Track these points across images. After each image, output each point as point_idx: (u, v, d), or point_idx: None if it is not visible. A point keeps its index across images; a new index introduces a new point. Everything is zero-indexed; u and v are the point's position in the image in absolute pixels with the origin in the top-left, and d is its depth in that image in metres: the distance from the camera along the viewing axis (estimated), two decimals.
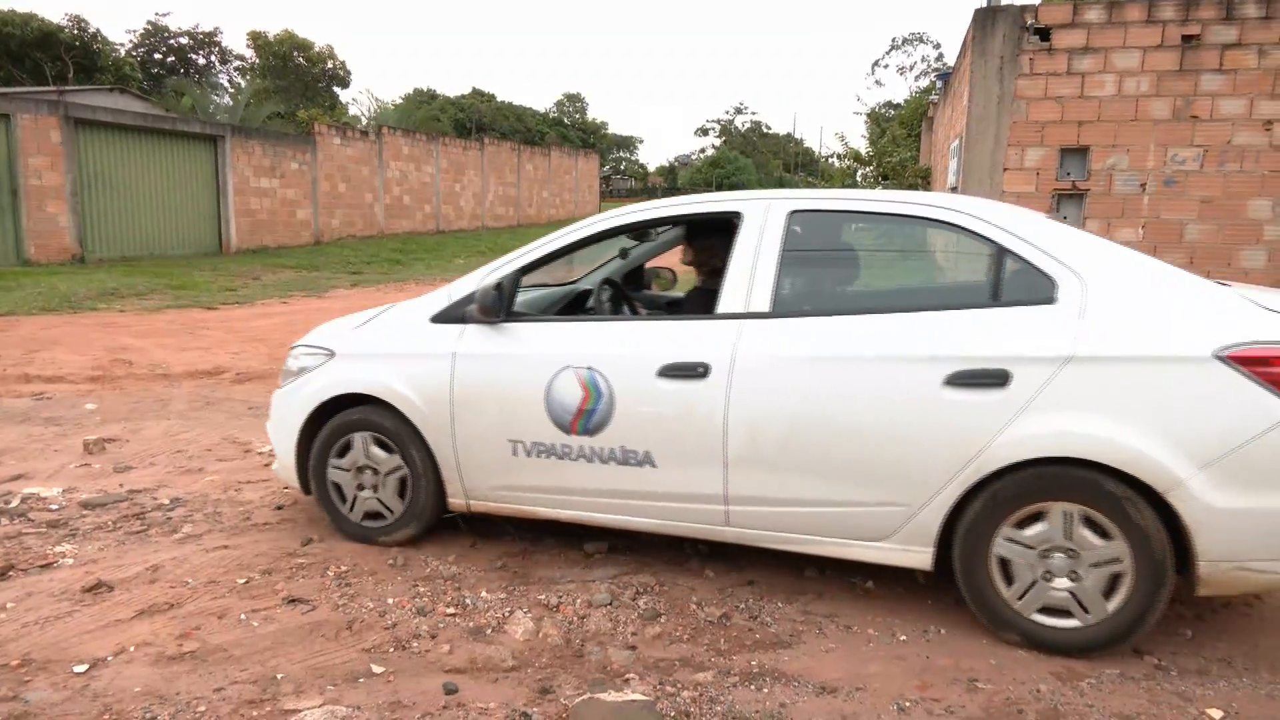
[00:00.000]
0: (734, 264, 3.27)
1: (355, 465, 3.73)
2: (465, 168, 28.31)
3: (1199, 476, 2.64)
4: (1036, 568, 2.84)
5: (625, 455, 3.30)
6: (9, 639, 2.89)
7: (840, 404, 2.99)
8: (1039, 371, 2.77)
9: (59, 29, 39.61)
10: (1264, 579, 2.70)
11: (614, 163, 76.89)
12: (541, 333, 3.49)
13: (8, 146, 14.86)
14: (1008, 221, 3.04)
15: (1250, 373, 2.62)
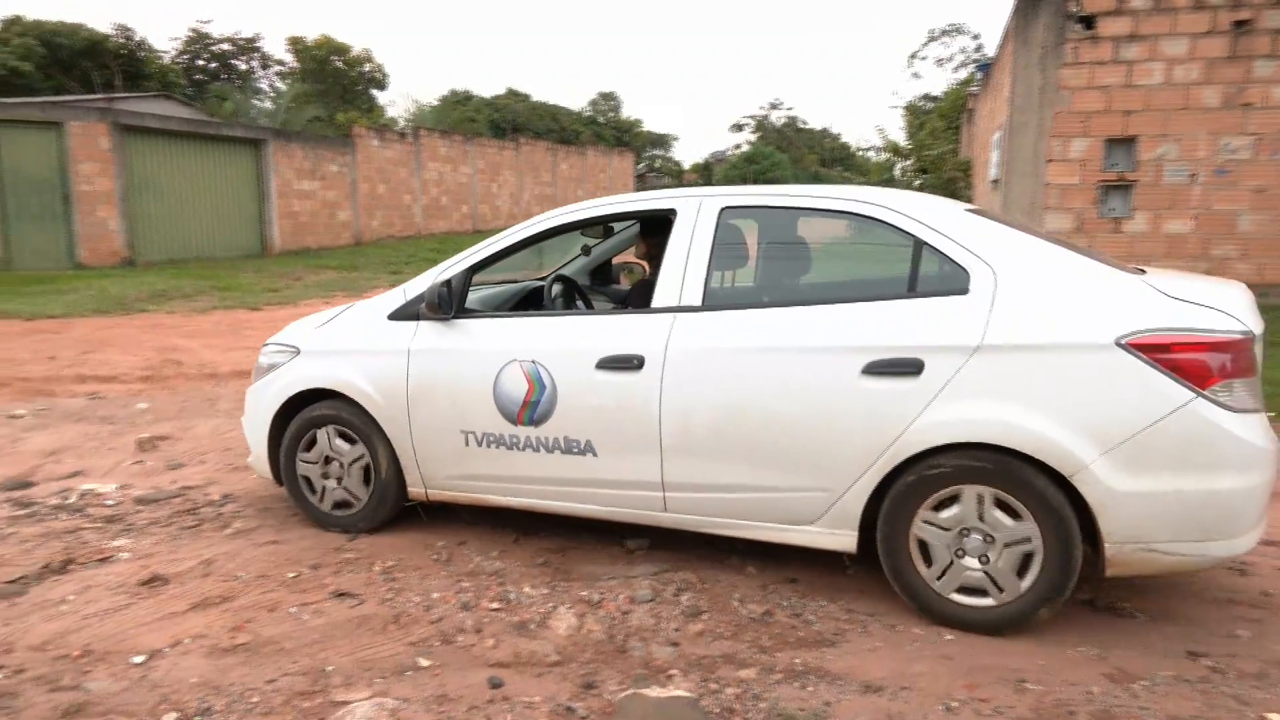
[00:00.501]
0: (668, 259, 3.38)
1: (322, 457, 3.88)
2: (501, 168, 28.51)
3: (1102, 460, 2.71)
4: (953, 549, 2.93)
5: (568, 444, 3.42)
6: (70, 630, 2.98)
7: (766, 393, 3.10)
8: (950, 360, 2.86)
9: (106, 38, 40.61)
10: (1169, 560, 2.77)
11: (649, 160, 76.87)
12: (489, 328, 3.62)
13: (60, 154, 15.27)
14: (925, 215, 3.12)
15: (1150, 359, 2.68)
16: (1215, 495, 2.69)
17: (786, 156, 64.39)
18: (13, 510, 4.12)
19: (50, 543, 3.74)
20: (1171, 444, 2.68)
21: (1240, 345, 2.69)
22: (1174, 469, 2.69)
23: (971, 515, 2.89)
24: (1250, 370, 2.74)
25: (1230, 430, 2.67)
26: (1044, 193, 8.76)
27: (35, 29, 38.66)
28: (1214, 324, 2.70)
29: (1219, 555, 2.79)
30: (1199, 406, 2.65)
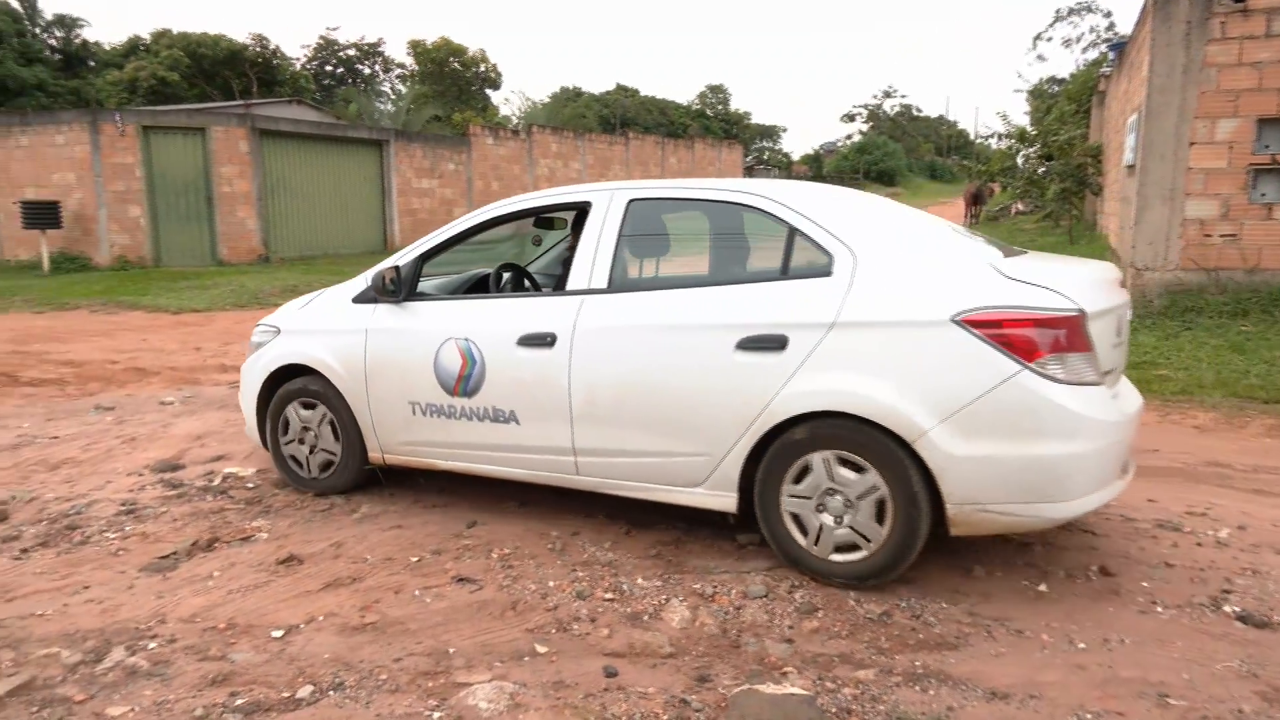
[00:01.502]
0: (580, 246, 3.72)
1: (300, 424, 4.32)
2: (610, 162, 28.78)
3: (940, 428, 2.93)
4: (819, 513, 3.20)
5: (496, 414, 3.78)
6: (217, 604, 3.19)
7: (656, 366, 3.40)
8: (810, 336, 3.13)
9: (244, 47, 43.18)
10: (1003, 520, 2.98)
11: (757, 152, 76.09)
12: (433, 310, 4.00)
13: (204, 157, 16.34)
14: (799, 203, 3.38)
15: (981, 334, 2.90)
16: (1043, 461, 2.88)
17: (900, 146, 62.55)
18: (164, 491, 4.44)
19: (197, 522, 4.01)
20: (1002, 412, 2.89)
21: (1068, 322, 2.90)
22: (1004, 436, 2.90)
23: (825, 479, 3.16)
24: (1080, 346, 2.92)
25: (1055, 400, 2.86)
26: (1185, 178, 8.19)
27: (181, 41, 41.49)
28: (1042, 302, 2.91)
29: (1050, 517, 2.98)
30: (1025, 378, 2.86)
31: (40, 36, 40.72)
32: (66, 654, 2.83)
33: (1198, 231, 8.24)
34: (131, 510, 4.15)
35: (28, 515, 4.10)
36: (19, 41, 37.38)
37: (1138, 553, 3.55)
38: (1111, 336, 3.21)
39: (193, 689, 2.63)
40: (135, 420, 5.90)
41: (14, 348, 8.78)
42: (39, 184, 16.23)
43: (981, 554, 3.54)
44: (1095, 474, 2.98)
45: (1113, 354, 3.22)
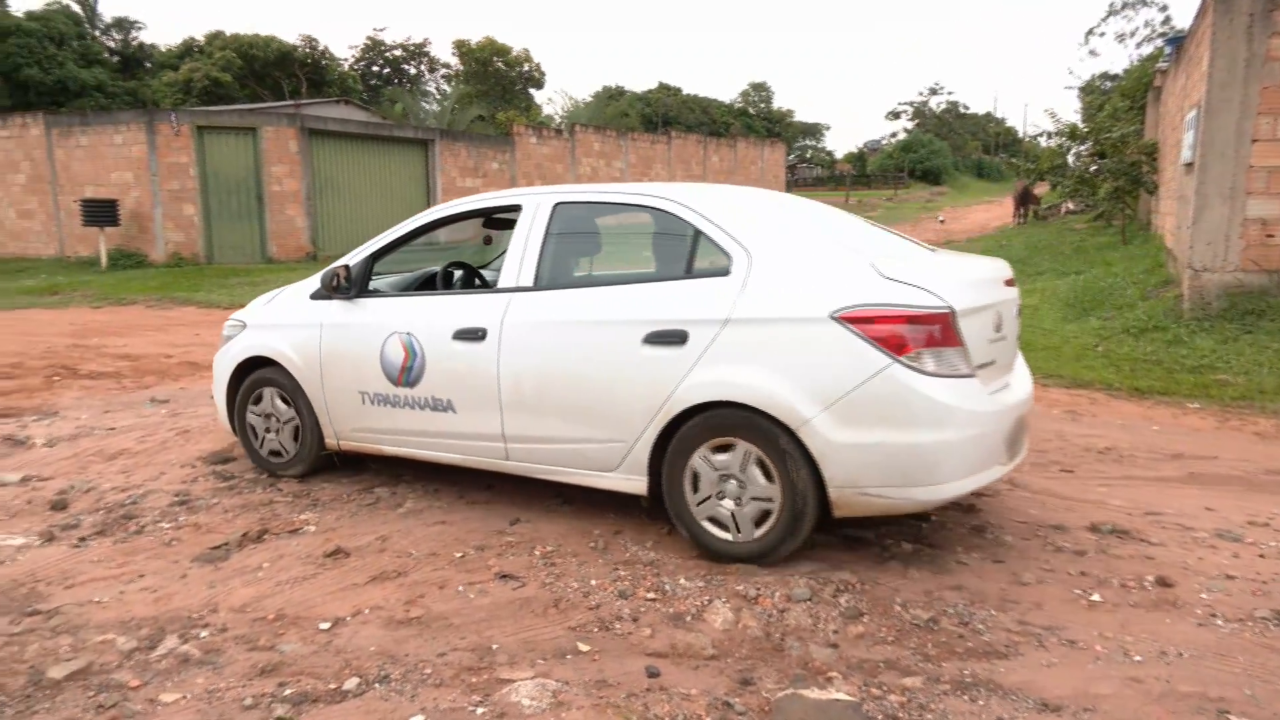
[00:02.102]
0: (510, 246, 3.95)
1: (264, 412, 4.62)
2: (653, 161, 28.77)
3: (821, 416, 3.15)
4: (719, 492, 3.41)
5: (435, 403, 4.02)
6: (266, 595, 3.25)
7: (574, 359, 3.63)
8: (707, 331, 3.35)
9: (294, 49, 43.98)
10: (879, 503, 3.19)
11: (800, 151, 75.48)
12: (381, 306, 4.25)
13: (255, 157, 16.68)
14: (704, 207, 3.60)
15: (857, 330, 3.11)
16: (913, 447, 3.09)
17: (946, 144, 61.59)
18: (216, 483, 4.54)
19: (247, 514, 4.09)
20: (875, 403, 3.09)
21: (936, 319, 3.10)
22: (879, 424, 3.10)
23: (733, 463, 3.37)
24: (950, 340, 3.13)
25: (923, 392, 3.06)
26: (1247, 176, 7.93)
27: (234, 42, 42.39)
28: (912, 300, 3.10)
29: (922, 500, 3.18)
30: (896, 371, 3.07)
31: (99, 39, 41.91)
32: (122, 641, 2.90)
33: (1259, 232, 7.98)
34: (184, 501, 4.24)
35: (86, 505, 4.22)
36: (79, 44, 38.52)
37: (1196, 563, 3.45)
38: (989, 332, 3.41)
39: (243, 678, 2.68)
40: (188, 413, 6.04)
41: (74, 341, 9.04)
42: (98, 183, 16.70)
43: (1031, 561, 3.47)
44: (965, 460, 3.17)
45: (990, 348, 3.42)
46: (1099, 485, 4.45)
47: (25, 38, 35.62)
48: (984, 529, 3.83)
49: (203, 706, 2.53)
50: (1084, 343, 8.14)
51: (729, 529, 3.42)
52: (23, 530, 3.88)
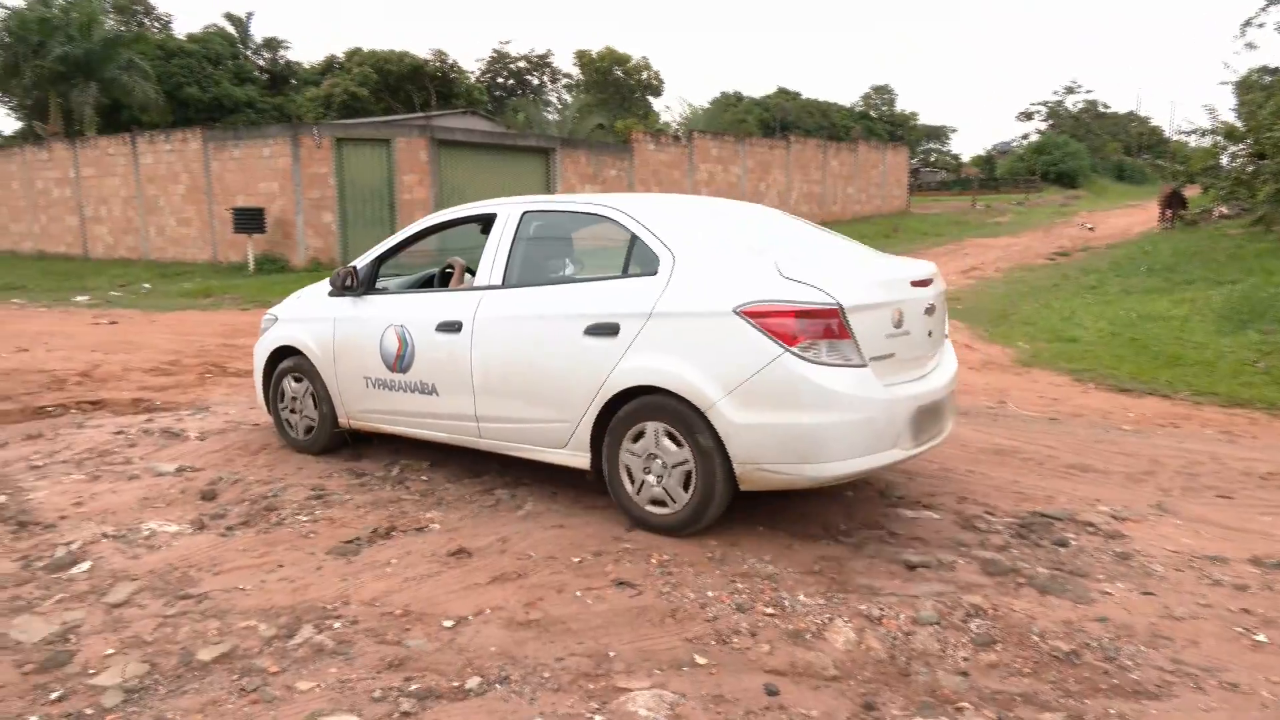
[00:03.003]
0: (485, 250, 4.45)
1: (293, 395, 5.19)
2: (771, 166, 28.46)
3: (726, 399, 3.51)
4: (645, 468, 3.80)
5: (422, 386, 4.53)
6: (393, 590, 3.36)
7: (531, 348, 4.10)
8: (635, 324, 3.75)
9: (425, 63, 45.86)
10: (778, 478, 3.55)
11: (924, 154, 73.17)
12: (382, 302, 4.82)
13: (388, 167, 17.46)
14: (641, 214, 4.02)
15: (754, 323, 3.47)
16: (802, 428, 3.45)
17: (1083, 145, 58.38)
18: (349, 479, 4.74)
19: (377, 510, 4.25)
20: (770, 387, 3.45)
21: (823, 314, 3.43)
22: (773, 407, 3.47)
23: (651, 445, 3.76)
24: (837, 334, 3.45)
25: (811, 379, 3.41)
26: None
27: (370, 58, 44.62)
28: (803, 297, 3.45)
29: (812, 476, 3.53)
30: (787, 359, 3.42)
31: (251, 58, 44.91)
32: (263, 627, 3.06)
33: None
34: (320, 496, 4.46)
35: (233, 496, 4.49)
36: (233, 63, 41.40)
37: None
38: (886, 327, 3.67)
39: (372, 670, 2.77)
40: None
41: (223, 341, 9.68)
42: (247, 193, 17.86)
43: (1185, 594, 3.21)
44: (853, 442, 3.49)
45: (889, 342, 3.67)
46: (1261, 514, 4.09)
47: (186, 59, 38.58)
48: (1130, 556, 3.58)
49: (335, 695, 2.63)
50: (1241, 357, 7.53)
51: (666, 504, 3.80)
52: (177, 518, 4.17)
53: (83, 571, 3.55)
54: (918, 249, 21.35)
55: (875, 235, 24.96)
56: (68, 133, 26.96)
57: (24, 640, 2.99)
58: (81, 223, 21.40)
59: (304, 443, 5.21)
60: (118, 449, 5.35)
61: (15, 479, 4.75)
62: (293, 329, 5.19)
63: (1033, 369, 7.72)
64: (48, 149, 22.31)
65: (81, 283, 16.62)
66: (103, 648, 2.93)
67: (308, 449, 5.18)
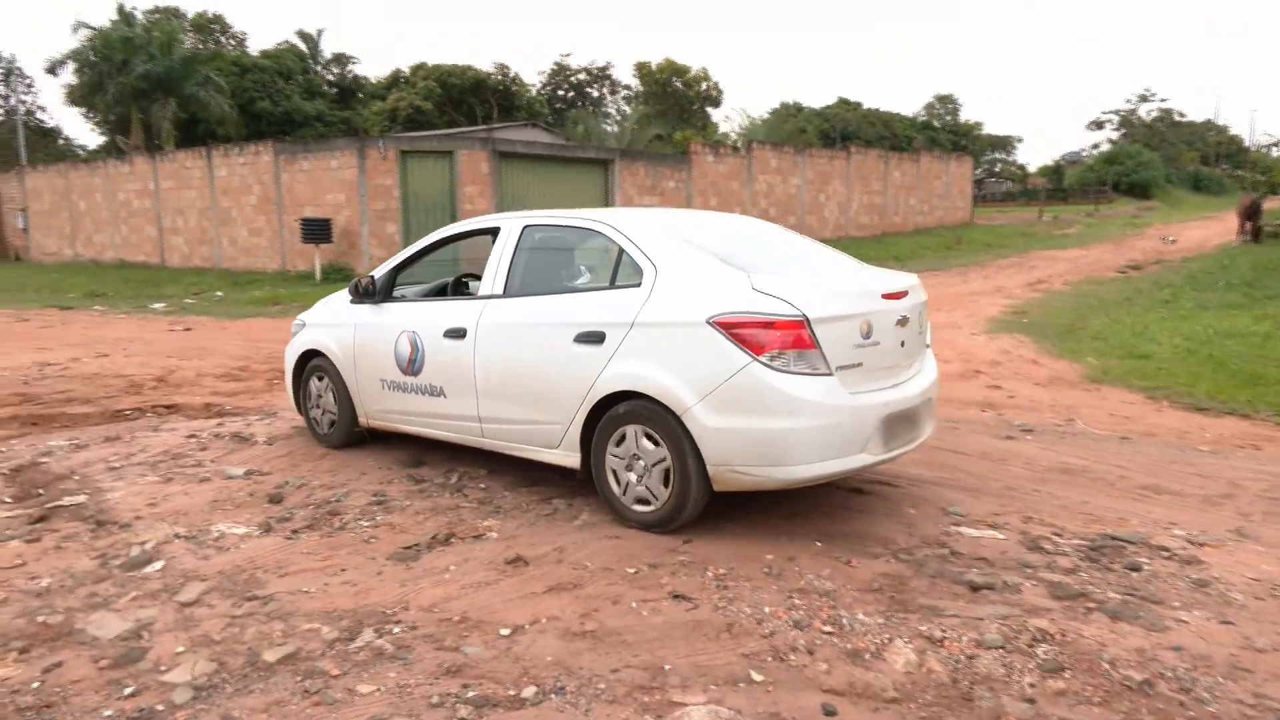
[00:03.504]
0: (489, 261, 4.70)
1: (318, 394, 5.58)
2: (830, 177, 28.21)
3: (699, 404, 3.71)
4: (628, 468, 4.03)
5: (431, 389, 4.82)
6: (452, 597, 3.40)
7: (526, 354, 4.35)
8: (619, 333, 3.97)
9: (488, 76, 46.66)
10: (747, 479, 3.73)
11: (988, 165, 71.71)
12: (398, 309, 5.13)
13: (451, 178, 17.79)
14: (629, 229, 4.23)
15: (726, 333, 3.66)
16: (769, 433, 3.64)
17: (1157, 155, 56.56)
18: (409, 485, 4.82)
19: (436, 517, 4.31)
20: (739, 394, 3.64)
21: (790, 325, 3.61)
22: (742, 412, 3.65)
23: (633, 447, 3.98)
24: (802, 344, 3.63)
25: (776, 386, 3.60)
26: None
27: (435, 72, 45.56)
28: (769, 309, 3.63)
29: (779, 478, 3.72)
30: (754, 368, 3.62)
31: (320, 73, 46.25)
32: (326, 630, 3.12)
33: None
34: (381, 501, 4.54)
35: (298, 500, 4.60)
36: (303, 78, 42.71)
37: None
38: (855, 338, 3.81)
39: (430, 676, 2.81)
40: None
41: None
42: (315, 204, 18.37)
43: (1268, 624, 3.07)
44: (818, 447, 3.67)
45: (857, 352, 3.81)
46: None
47: (260, 74, 39.92)
48: (1207, 583, 3.43)
49: (394, 700, 2.67)
50: None
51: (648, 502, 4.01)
52: (245, 520, 4.28)
53: (156, 570, 3.67)
54: (981, 261, 20.93)
55: (937, 247, 24.56)
56: (148, 147, 28.12)
57: (100, 636, 3.10)
58: (159, 233, 22.26)
59: (327, 438, 5.59)
60: (190, 452, 5.53)
61: (95, 480, 4.94)
62: (318, 333, 5.56)
63: (1103, 386, 7.49)
64: (129, 162, 23.29)
65: (158, 291, 17.28)
66: (174, 645, 3.02)
67: (330, 444, 5.55)
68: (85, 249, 24.66)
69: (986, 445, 5.59)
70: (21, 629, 3.16)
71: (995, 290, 14.74)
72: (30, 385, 7.77)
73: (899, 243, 26.01)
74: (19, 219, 26.63)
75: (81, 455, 5.47)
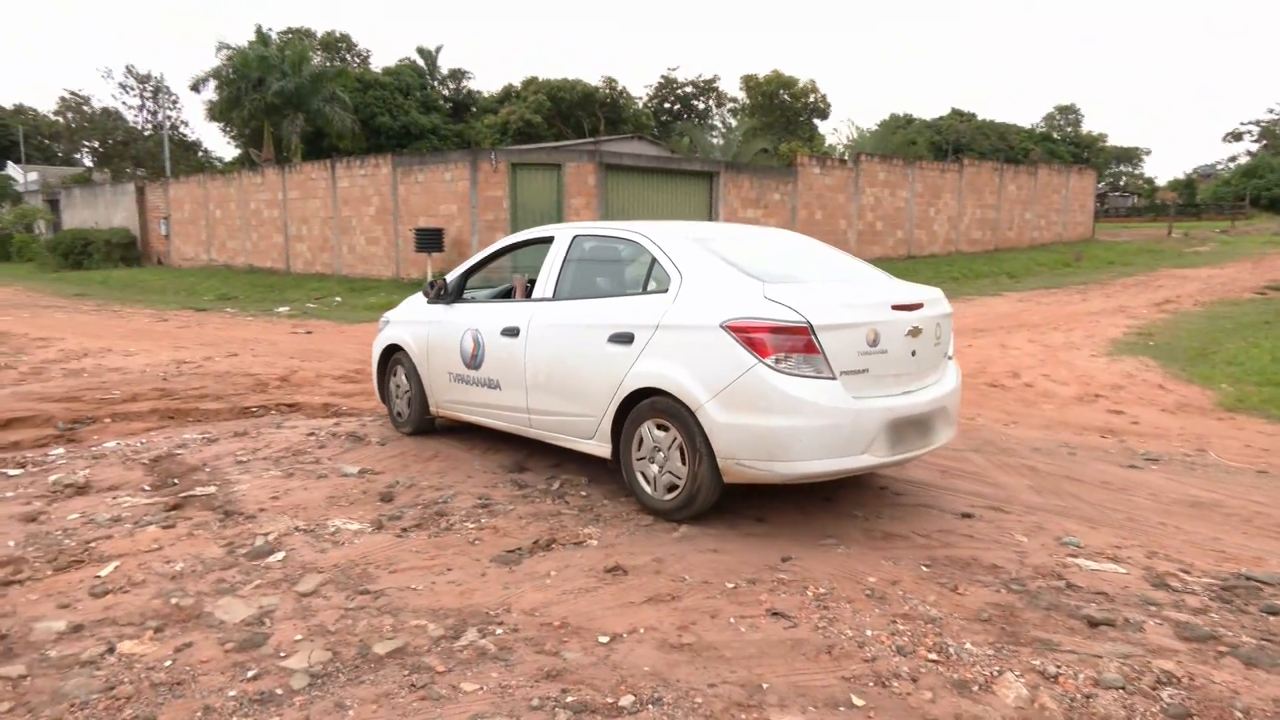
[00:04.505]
0: (543, 268, 5.15)
1: (396, 384, 6.27)
2: (941, 191, 27.40)
3: (712, 401, 4.01)
4: (654, 455, 4.35)
5: (489, 382, 5.33)
6: (552, 602, 3.46)
7: (567, 353, 4.79)
8: (646, 334, 4.33)
9: (596, 90, 47.45)
10: (751, 473, 4.00)
11: (1112, 178, 68.30)
12: (465, 309, 5.68)
13: (558, 190, 18.16)
14: (661, 239, 4.59)
15: (735, 337, 3.97)
16: (771, 430, 3.90)
17: None
18: (512, 490, 4.94)
19: (538, 522, 4.40)
20: (746, 393, 3.92)
21: (795, 331, 3.89)
22: (749, 410, 3.93)
23: (662, 434, 4.31)
24: (805, 349, 3.90)
25: (779, 387, 3.87)
26: None
27: (545, 87, 46.66)
28: (776, 315, 3.92)
29: (780, 473, 3.96)
30: (760, 369, 3.90)
31: (437, 88, 48.02)
32: (432, 627, 3.23)
33: None
34: (486, 504, 4.66)
35: (408, 499, 4.77)
36: (421, 94, 44.41)
37: None
38: (860, 345, 4.03)
39: (530, 678, 2.86)
40: None
41: None
42: (429, 214, 19.06)
43: None
44: (817, 446, 3.91)
45: (862, 359, 4.04)
46: None
47: (381, 90, 41.75)
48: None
49: (496, 700, 2.74)
50: None
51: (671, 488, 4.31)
52: (359, 517, 4.47)
53: (277, 561, 3.87)
54: (1103, 279, 19.94)
55: (1054, 263, 23.51)
56: (277, 159, 29.82)
57: (226, 620, 3.29)
58: (285, 240, 23.53)
59: (403, 424, 6.22)
60: (309, 449, 5.81)
61: (224, 472, 5.26)
62: (399, 330, 6.17)
63: (1237, 414, 7.01)
64: (260, 174, 24.72)
65: (283, 295, 18.26)
66: (292, 633, 3.18)
67: (406, 430, 6.18)
68: (219, 254, 26.29)
69: (1107, 473, 5.32)
70: (157, 609, 3.39)
71: (1118, 310, 14.01)
72: (168, 381, 8.33)
73: (1012, 258, 25.03)
74: (162, 226, 28.61)
75: (212, 449, 5.83)
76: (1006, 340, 10.85)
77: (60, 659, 3.01)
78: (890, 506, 4.62)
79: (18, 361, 9.60)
